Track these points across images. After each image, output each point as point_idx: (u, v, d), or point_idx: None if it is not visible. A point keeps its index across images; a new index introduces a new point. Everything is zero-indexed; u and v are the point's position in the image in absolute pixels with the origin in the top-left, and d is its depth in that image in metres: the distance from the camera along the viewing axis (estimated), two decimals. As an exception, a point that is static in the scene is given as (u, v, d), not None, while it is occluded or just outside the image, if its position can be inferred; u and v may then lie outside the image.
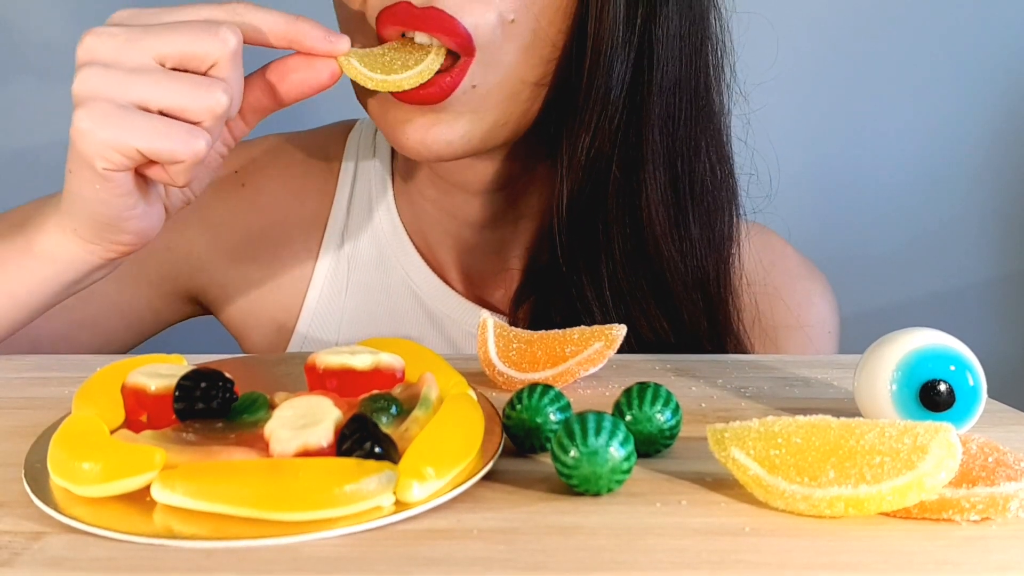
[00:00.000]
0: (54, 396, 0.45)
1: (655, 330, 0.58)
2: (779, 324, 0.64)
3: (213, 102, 0.45)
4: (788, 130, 1.01)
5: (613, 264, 0.57)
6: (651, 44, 0.55)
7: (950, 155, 1.07)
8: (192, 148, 0.45)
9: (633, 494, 0.34)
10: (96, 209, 0.48)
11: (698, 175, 0.58)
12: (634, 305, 0.58)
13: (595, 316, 0.57)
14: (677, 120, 0.57)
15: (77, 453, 0.32)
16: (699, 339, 0.59)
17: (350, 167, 0.69)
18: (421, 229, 0.66)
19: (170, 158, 0.45)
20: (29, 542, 0.30)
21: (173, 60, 0.46)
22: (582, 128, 0.56)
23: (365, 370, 0.38)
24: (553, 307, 0.59)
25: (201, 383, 0.36)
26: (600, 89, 0.55)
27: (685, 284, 0.58)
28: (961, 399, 0.38)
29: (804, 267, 0.68)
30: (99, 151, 0.45)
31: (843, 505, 0.31)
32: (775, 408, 0.44)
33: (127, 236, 0.50)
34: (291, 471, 0.31)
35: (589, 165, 0.56)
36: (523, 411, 0.37)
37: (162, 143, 0.45)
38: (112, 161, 0.45)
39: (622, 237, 0.57)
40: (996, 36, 1.05)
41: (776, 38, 0.90)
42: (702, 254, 0.59)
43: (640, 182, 0.57)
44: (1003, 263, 1.10)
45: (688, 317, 0.58)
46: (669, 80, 0.56)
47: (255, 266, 0.68)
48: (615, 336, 0.47)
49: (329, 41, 0.49)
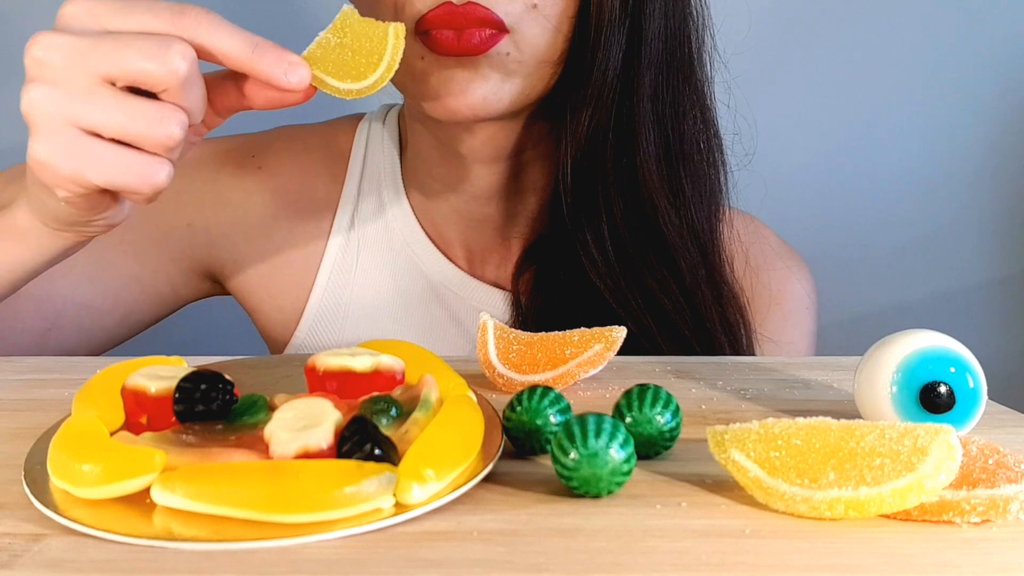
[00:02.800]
0: (54, 398, 0.45)
1: (658, 279, 0.62)
2: (758, 301, 0.67)
3: (164, 136, 0.44)
4: (787, 130, 1.01)
5: (614, 222, 0.62)
6: (640, 21, 0.60)
7: (950, 157, 1.07)
8: (151, 182, 0.44)
9: (633, 496, 0.34)
10: (63, 215, 0.48)
11: (687, 137, 0.64)
12: (636, 256, 0.62)
13: (599, 270, 0.62)
14: (664, 90, 0.62)
15: (77, 455, 0.32)
16: (698, 286, 0.63)
17: (359, 153, 0.72)
18: (427, 209, 0.70)
19: (131, 191, 0.45)
20: (29, 544, 0.30)
21: (122, 81, 0.44)
22: (584, 102, 0.60)
23: (365, 372, 0.38)
24: (560, 267, 0.63)
25: (201, 385, 0.36)
26: (601, 66, 0.59)
27: (681, 235, 0.63)
28: (961, 401, 0.38)
29: (782, 247, 0.72)
30: (57, 183, 0.45)
31: (843, 507, 0.31)
32: (775, 410, 0.44)
33: (98, 229, 0.50)
34: (291, 473, 0.31)
35: (590, 135, 0.61)
36: (523, 413, 0.37)
37: (121, 178, 0.44)
38: (71, 191, 0.45)
39: (621, 197, 0.62)
40: (996, 36, 1.05)
41: (774, 37, 0.91)
42: (694, 207, 0.64)
43: (635, 147, 0.62)
44: (1003, 265, 1.10)
45: (687, 264, 0.62)
46: (656, 54, 0.61)
47: (270, 244, 0.71)
48: (615, 338, 0.47)
49: (287, 75, 0.46)
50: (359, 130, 0.73)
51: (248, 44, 0.46)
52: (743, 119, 0.68)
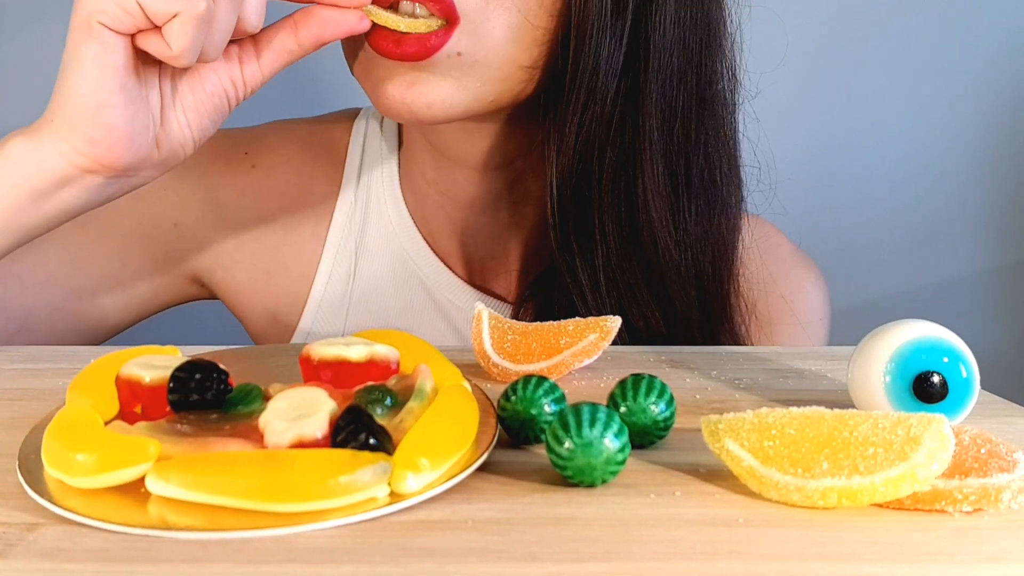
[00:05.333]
0: (48, 387, 0.45)
1: (646, 318, 0.58)
2: (772, 312, 0.64)
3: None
4: (782, 124, 1.00)
5: (607, 250, 0.57)
6: (646, 30, 0.55)
7: (944, 148, 1.08)
8: (194, 8, 0.44)
9: (627, 485, 0.34)
10: (80, 87, 0.47)
11: (697, 169, 0.58)
12: (626, 292, 0.58)
13: (588, 301, 0.57)
14: (676, 111, 0.57)
15: (71, 444, 0.32)
16: (691, 329, 0.59)
17: (356, 153, 0.69)
18: (425, 216, 0.67)
19: (168, 9, 0.44)
20: (23, 533, 0.30)
21: None
22: (570, 111, 0.56)
23: (360, 361, 0.38)
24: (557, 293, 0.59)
25: (196, 374, 0.36)
26: (586, 72, 0.54)
27: (679, 276, 0.58)
28: (954, 391, 0.38)
29: (797, 256, 0.69)
30: (99, 4, 0.44)
31: (836, 496, 0.32)
32: (769, 399, 0.44)
33: (102, 133, 0.48)
34: (286, 462, 0.31)
35: (581, 149, 0.56)
36: (518, 402, 0.37)
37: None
38: (111, 14, 0.45)
39: (616, 224, 0.57)
40: (993, 30, 1.05)
41: (771, 32, 0.90)
42: (698, 248, 0.59)
43: (637, 170, 0.57)
44: (996, 255, 1.11)
45: (680, 308, 0.59)
46: (667, 69, 0.56)
47: (262, 251, 0.68)
48: (610, 328, 0.47)
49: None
50: (355, 128, 0.70)
51: None
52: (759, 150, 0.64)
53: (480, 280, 0.67)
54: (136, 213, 0.65)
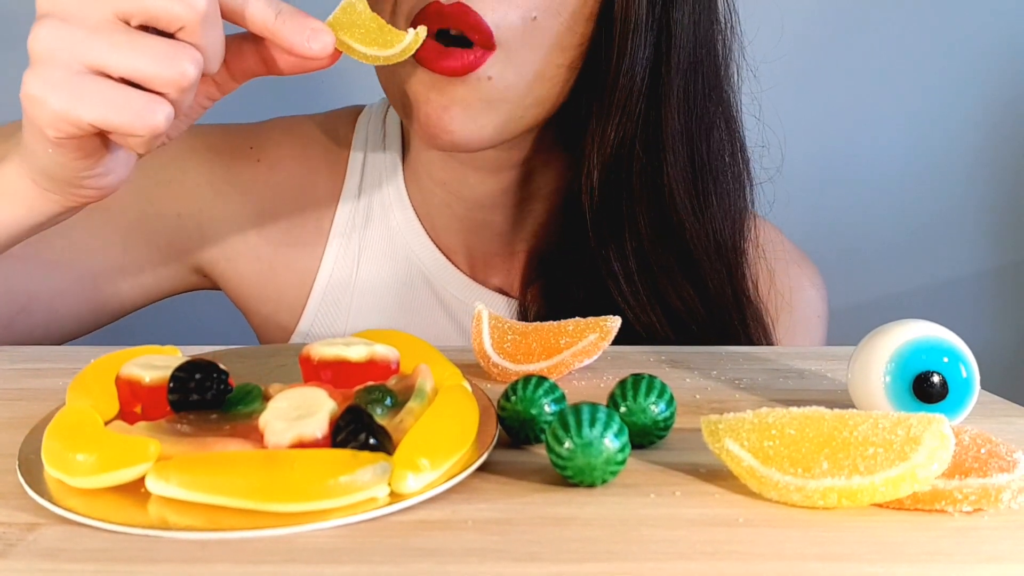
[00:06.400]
0: (48, 387, 0.45)
1: (683, 299, 0.60)
2: (770, 306, 0.65)
3: (177, 74, 0.41)
4: (781, 122, 1.01)
5: (639, 238, 0.60)
6: (669, 26, 0.57)
7: (944, 147, 1.08)
8: (148, 122, 0.42)
9: (627, 485, 0.34)
10: (52, 169, 0.46)
11: (715, 151, 0.61)
12: (661, 276, 0.60)
13: (622, 288, 0.59)
14: (693, 99, 0.59)
15: (71, 444, 0.32)
16: (725, 307, 0.61)
17: (360, 149, 0.69)
18: (429, 213, 0.67)
19: (125, 131, 0.42)
20: (23, 533, 0.30)
21: (138, 19, 0.42)
22: (611, 111, 0.57)
23: (360, 361, 0.38)
24: (574, 284, 0.61)
25: (196, 374, 0.36)
26: (627, 72, 0.56)
27: (708, 253, 0.60)
28: (954, 391, 0.38)
29: (796, 254, 0.70)
30: (49, 120, 0.42)
31: (836, 496, 0.32)
32: (769, 399, 0.44)
33: (89, 191, 0.48)
34: (286, 462, 0.31)
35: (617, 146, 0.58)
36: (518, 402, 0.37)
37: (115, 116, 0.41)
38: (63, 131, 0.43)
39: (647, 213, 0.59)
40: (993, 29, 1.05)
41: (772, 26, 0.90)
42: (721, 224, 0.61)
43: (662, 160, 0.59)
44: (996, 255, 1.11)
45: (713, 285, 0.60)
46: (685, 61, 0.58)
47: (265, 244, 0.68)
48: (610, 328, 0.47)
49: (310, 42, 0.45)
50: (359, 125, 0.70)
51: (272, 8, 0.45)
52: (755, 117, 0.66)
53: (484, 276, 0.67)
54: (140, 203, 0.66)
